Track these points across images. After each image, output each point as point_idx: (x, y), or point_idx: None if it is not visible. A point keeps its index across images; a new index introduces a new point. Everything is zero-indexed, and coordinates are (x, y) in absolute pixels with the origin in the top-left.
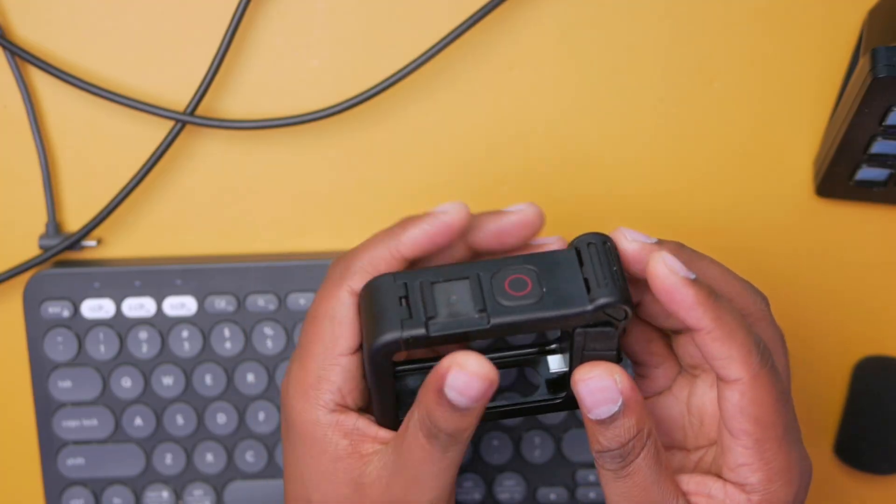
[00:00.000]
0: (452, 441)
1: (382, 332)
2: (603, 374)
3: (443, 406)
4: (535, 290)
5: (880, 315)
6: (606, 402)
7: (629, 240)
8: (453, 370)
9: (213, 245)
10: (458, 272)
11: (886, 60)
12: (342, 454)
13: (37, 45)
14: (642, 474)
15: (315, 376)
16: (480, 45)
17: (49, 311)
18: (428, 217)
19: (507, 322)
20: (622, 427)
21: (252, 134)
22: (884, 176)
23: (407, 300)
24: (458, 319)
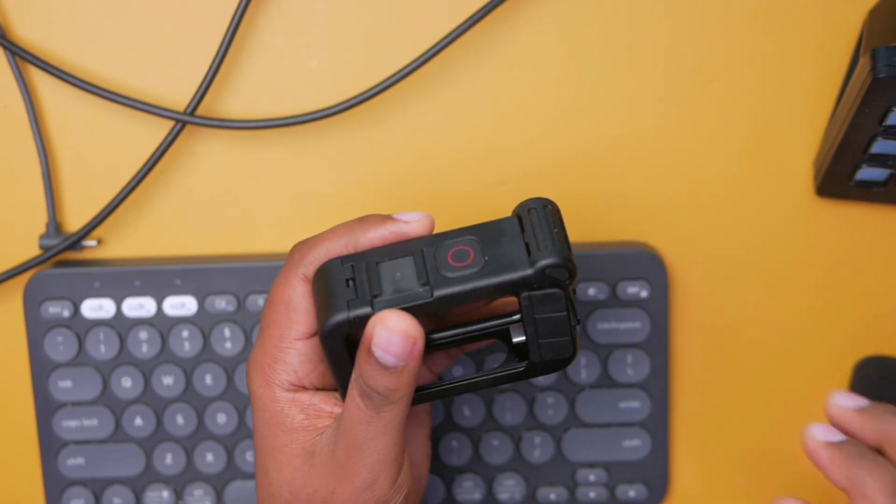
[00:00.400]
0: (385, 401)
1: (331, 315)
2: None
3: (371, 364)
4: (476, 259)
5: (880, 315)
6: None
7: (812, 434)
8: (377, 328)
9: (213, 245)
10: (402, 250)
11: (886, 60)
12: (297, 426)
13: (37, 45)
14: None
15: (272, 357)
16: (480, 45)
17: (49, 311)
18: (390, 223)
19: (450, 293)
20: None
21: (252, 134)
22: (884, 176)
23: (354, 281)
24: (402, 295)
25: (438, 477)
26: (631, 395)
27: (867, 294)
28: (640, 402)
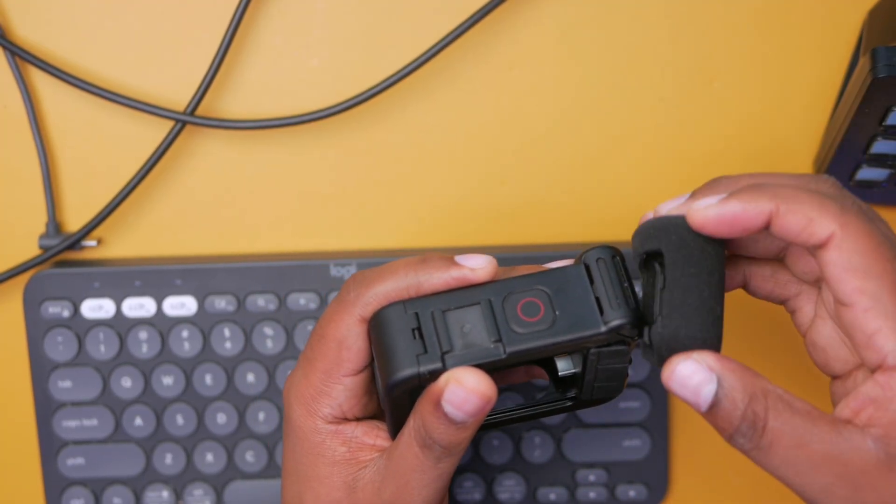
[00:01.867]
0: (446, 453)
1: (399, 368)
2: (687, 366)
3: (439, 419)
4: (547, 313)
5: None
6: (702, 387)
7: (694, 211)
8: (451, 385)
9: (213, 245)
10: (468, 298)
11: (886, 60)
12: (339, 459)
13: (37, 45)
14: (787, 435)
15: (317, 390)
16: (480, 45)
17: (49, 311)
18: (455, 268)
19: (523, 349)
20: (730, 399)
21: (252, 134)
22: (884, 176)
23: (420, 332)
24: (473, 350)
25: None
26: (631, 396)
27: None
28: (640, 402)
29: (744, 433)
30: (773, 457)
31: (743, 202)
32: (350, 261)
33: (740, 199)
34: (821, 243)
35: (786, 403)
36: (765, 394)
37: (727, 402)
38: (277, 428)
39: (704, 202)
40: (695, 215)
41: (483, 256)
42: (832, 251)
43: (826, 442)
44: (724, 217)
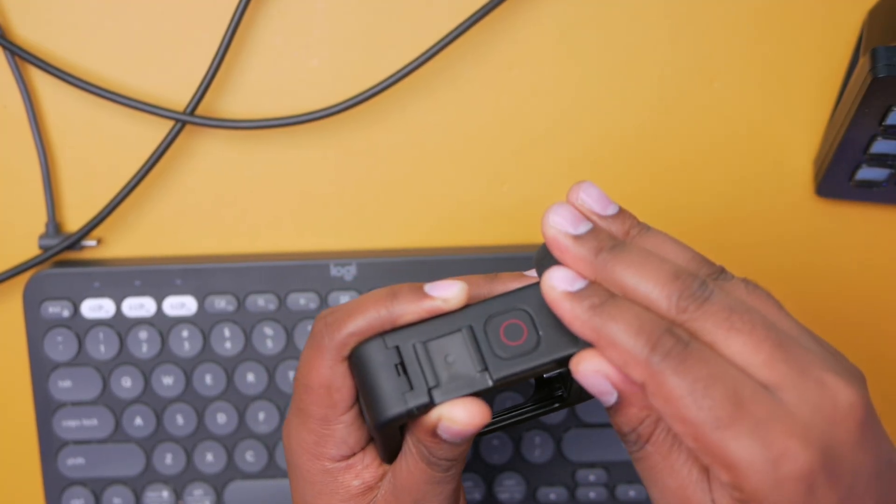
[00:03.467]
0: (452, 463)
1: (387, 409)
2: (588, 371)
3: (438, 443)
4: (531, 335)
5: (880, 315)
6: (604, 394)
7: (548, 223)
8: (443, 423)
9: (213, 245)
10: (449, 325)
11: (886, 60)
12: (354, 493)
13: (37, 45)
14: (654, 460)
15: (319, 435)
16: (480, 45)
17: (49, 311)
18: (426, 300)
19: (509, 375)
20: (624, 416)
21: (252, 134)
22: (884, 176)
23: (404, 367)
24: (460, 383)
25: None
26: None
27: (867, 294)
28: None
29: (626, 441)
30: (640, 465)
31: (573, 315)
32: (350, 261)
33: (574, 308)
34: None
35: (670, 434)
36: (657, 420)
37: (620, 417)
38: (277, 428)
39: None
40: (543, 286)
41: (454, 284)
42: (648, 397)
43: (685, 482)
44: (566, 315)
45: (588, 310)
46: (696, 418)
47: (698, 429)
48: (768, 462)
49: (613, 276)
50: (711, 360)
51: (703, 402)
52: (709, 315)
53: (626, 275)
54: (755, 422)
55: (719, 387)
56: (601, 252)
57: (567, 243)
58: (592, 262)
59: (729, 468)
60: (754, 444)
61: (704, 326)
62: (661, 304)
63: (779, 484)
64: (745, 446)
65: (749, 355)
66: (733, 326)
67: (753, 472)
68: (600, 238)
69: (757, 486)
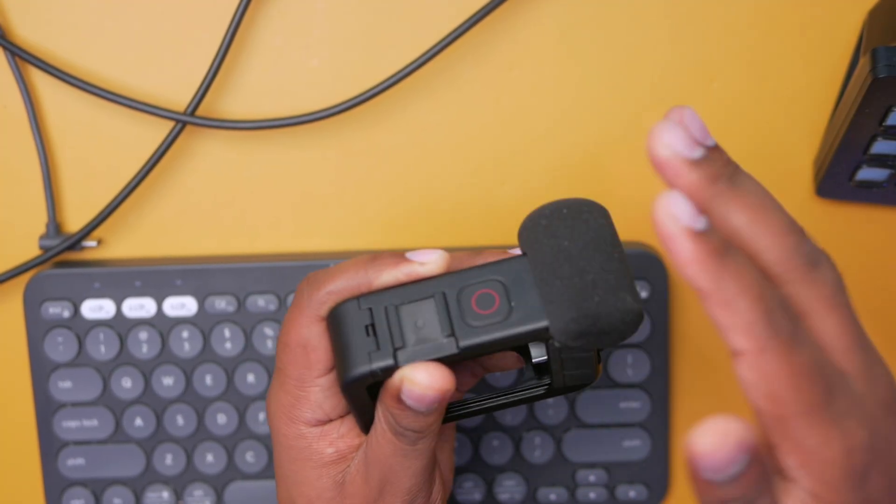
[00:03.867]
0: (420, 436)
1: (352, 366)
2: (719, 439)
3: (403, 410)
4: (502, 305)
5: (881, 315)
6: (727, 466)
7: (661, 144)
8: (405, 385)
9: (213, 245)
10: (422, 291)
11: (886, 60)
12: (327, 461)
13: (37, 45)
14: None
15: (294, 397)
16: (480, 45)
17: (49, 312)
18: (404, 264)
19: (476, 343)
20: (744, 482)
21: (252, 134)
22: (884, 176)
23: (374, 328)
24: (425, 346)
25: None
26: (631, 395)
27: (867, 294)
28: (640, 402)
29: None
30: None
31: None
32: None
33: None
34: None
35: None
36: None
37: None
38: None
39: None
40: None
41: (434, 251)
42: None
43: None
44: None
45: (711, 256)
46: (790, 401)
47: (787, 410)
48: (843, 451)
49: (728, 213)
50: (812, 345)
51: (803, 387)
52: (817, 285)
53: (743, 216)
54: (839, 412)
55: (818, 375)
56: (718, 181)
57: (683, 168)
58: (708, 192)
59: (802, 453)
60: (836, 433)
61: (808, 294)
62: (772, 256)
63: (846, 472)
64: (828, 434)
65: (836, 338)
66: (836, 305)
67: (827, 460)
68: (718, 164)
69: (829, 471)
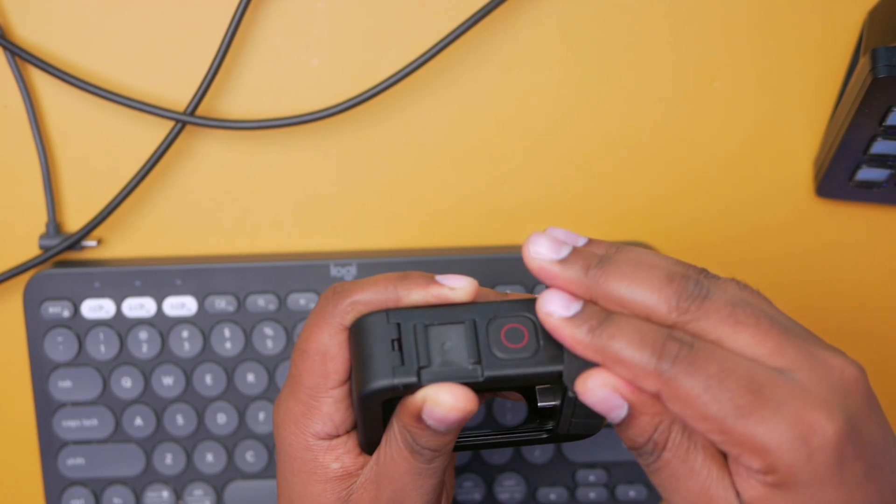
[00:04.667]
0: (436, 454)
1: (374, 378)
2: (597, 387)
3: (423, 429)
4: (531, 342)
5: (881, 315)
6: (613, 409)
7: (530, 255)
8: (428, 405)
9: (213, 245)
10: (453, 315)
11: (886, 60)
12: (332, 476)
13: (37, 45)
14: (673, 466)
15: (306, 407)
16: (480, 45)
17: (49, 311)
18: (434, 286)
19: (500, 375)
20: (637, 427)
21: (252, 134)
22: (884, 176)
23: (400, 344)
24: (450, 369)
25: None
26: None
27: (867, 294)
28: None
29: (641, 454)
30: (660, 475)
31: (574, 339)
32: (350, 261)
33: (574, 332)
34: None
35: (687, 435)
36: (671, 426)
37: (634, 427)
38: None
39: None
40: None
41: (464, 277)
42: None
43: (706, 482)
44: (558, 336)
45: (588, 333)
46: (717, 413)
47: (722, 422)
48: (798, 438)
49: (608, 290)
50: (718, 355)
51: (722, 396)
52: (711, 312)
53: (620, 286)
54: (776, 402)
55: (733, 378)
56: (589, 269)
57: (554, 269)
58: (583, 281)
59: (759, 453)
60: (781, 423)
61: (708, 324)
62: (661, 308)
63: (811, 458)
64: (773, 427)
65: (757, 346)
66: (738, 320)
67: (785, 450)
68: (585, 256)
69: (791, 463)
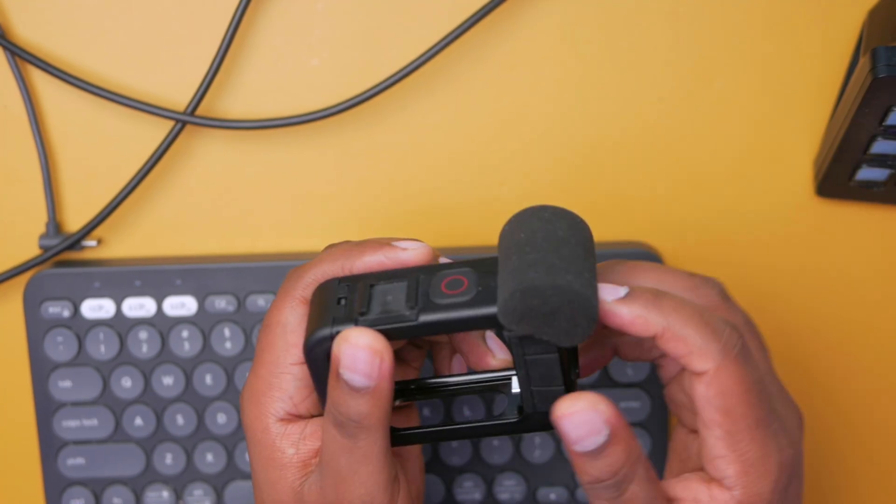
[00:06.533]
0: (359, 428)
1: (314, 330)
2: (585, 408)
3: (341, 389)
4: (469, 289)
5: (880, 315)
6: (591, 434)
7: None
8: (341, 345)
9: (213, 245)
10: (399, 275)
11: (886, 60)
12: (286, 462)
13: (37, 45)
14: (640, 499)
15: (266, 384)
16: (480, 45)
17: (49, 311)
18: (387, 248)
19: (436, 319)
20: (612, 456)
21: (252, 134)
22: (884, 176)
23: (346, 301)
24: (387, 316)
25: (438, 477)
26: (631, 395)
27: (867, 294)
28: (640, 402)
29: (608, 488)
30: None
31: (637, 313)
32: None
33: (637, 308)
34: (694, 373)
35: (648, 471)
36: (638, 458)
37: (608, 456)
38: None
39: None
40: None
41: (417, 241)
42: (702, 385)
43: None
44: (621, 320)
45: (647, 304)
46: (741, 416)
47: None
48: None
49: None
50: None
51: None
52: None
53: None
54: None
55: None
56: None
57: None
58: None
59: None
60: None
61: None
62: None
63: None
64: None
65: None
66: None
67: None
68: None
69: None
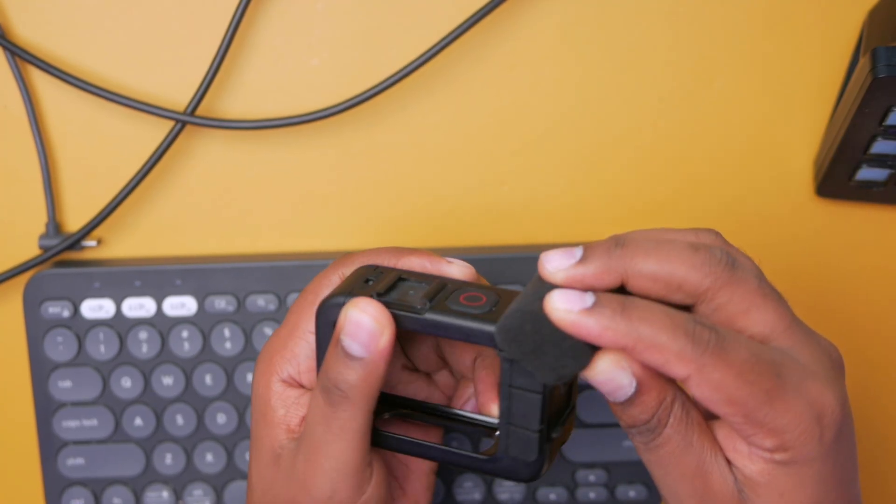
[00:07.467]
0: (343, 398)
1: (330, 296)
2: (609, 367)
3: (336, 355)
4: (483, 306)
5: (880, 315)
6: (620, 389)
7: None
8: (348, 310)
9: (213, 245)
10: (431, 279)
11: (886, 60)
12: (272, 421)
13: (37, 45)
14: (674, 442)
15: (282, 343)
16: (480, 45)
17: (49, 311)
18: (433, 258)
19: (439, 320)
20: (642, 405)
21: (252, 134)
22: (884, 176)
23: (373, 282)
24: (399, 303)
25: (438, 477)
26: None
27: (867, 294)
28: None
29: (642, 431)
30: (657, 453)
31: (605, 325)
32: None
33: (600, 319)
34: (679, 379)
35: (686, 414)
36: (673, 401)
37: (639, 405)
38: None
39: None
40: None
41: (465, 263)
42: (693, 387)
43: (702, 457)
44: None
45: (613, 317)
46: (746, 397)
47: (748, 405)
48: (813, 419)
49: (636, 268)
50: (743, 340)
51: (753, 380)
52: (742, 282)
53: (648, 263)
54: (795, 386)
55: (762, 364)
56: (611, 253)
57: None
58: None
59: (777, 433)
60: (802, 406)
61: (741, 293)
62: (692, 277)
63: (822, 437)
64: (795, 409)
65: (777, 321)
66: (765, 293)
67: (801, 431)
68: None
69: (805, 442)
